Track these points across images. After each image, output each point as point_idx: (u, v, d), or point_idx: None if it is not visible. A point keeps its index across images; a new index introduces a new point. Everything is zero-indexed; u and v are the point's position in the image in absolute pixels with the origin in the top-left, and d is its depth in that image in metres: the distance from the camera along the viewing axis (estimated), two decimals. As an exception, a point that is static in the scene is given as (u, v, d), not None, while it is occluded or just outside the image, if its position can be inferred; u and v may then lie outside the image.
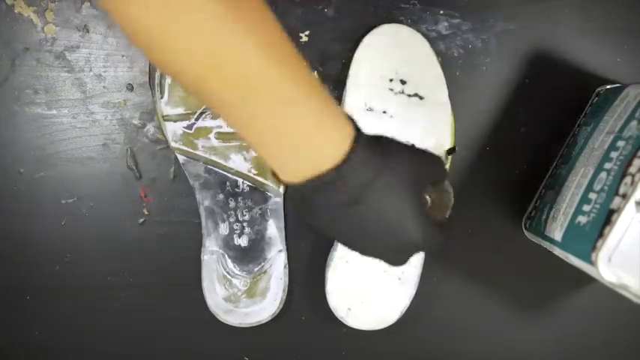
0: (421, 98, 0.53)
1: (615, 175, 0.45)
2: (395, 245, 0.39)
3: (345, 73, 0.54)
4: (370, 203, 0.36)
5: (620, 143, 0.46)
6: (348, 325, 0.55)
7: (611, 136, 0.48)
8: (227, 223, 0.55)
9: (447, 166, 0.54)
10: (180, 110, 0.53)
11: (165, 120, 0.53)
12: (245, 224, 0.55)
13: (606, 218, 0.43)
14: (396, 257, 0.41)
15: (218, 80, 0.32)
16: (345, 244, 0.41)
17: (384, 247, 0.40)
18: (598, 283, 0.44)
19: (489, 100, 0.56)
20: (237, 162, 0.54)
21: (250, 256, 0.56)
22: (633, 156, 0.44)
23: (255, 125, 0.34)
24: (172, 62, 0.32)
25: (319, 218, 0.38)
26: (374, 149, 0.36)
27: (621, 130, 0.47)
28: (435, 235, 0.40)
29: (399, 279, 0.54)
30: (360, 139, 0.36)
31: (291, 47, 0.34)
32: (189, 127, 0.53)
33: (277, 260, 0.56)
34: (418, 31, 0.54)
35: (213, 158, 0.54)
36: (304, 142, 0.34)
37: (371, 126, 0.53)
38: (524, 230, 0.56)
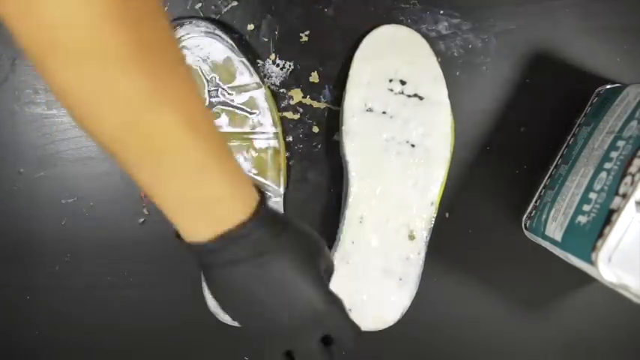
0: (421, 98, 0.53)
1: (615, 174, 0.45)
2: (293, 309, 0.37)
3: (345, 73, 0.54)
4: (272, 261, 0.36)
5: (620, 143, 0.46)
6: (348, 325, 0.55)
7: (611, 136, 0.48)
8: (227, 223, 0.55)
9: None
10: (180, 110, 0.53)
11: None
12: (245, 224, 0.55)
13: (606, 218, 0.43)
14: (297, 331, 0.38)
15: (134, 145, 0.32)
16: (234, 309, 0.39)
17: (280, 311, 0.37)
18: (598, 283, 0.44)
19: (489, 100, 0.56)
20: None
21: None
22: (633, 156, 0.44)
23: (166, 189, 0.34)
24: (87, 119, 0.32)
25: (218, 282, 0.37)
26: (277, 216, 0.38)
27: (621, 130, 0.47)
28: (344, 315, 0.39)
29: (400, 279, 0.54)
30: (265, 204, 0.37)
31: (209, 115, 0.35)
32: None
33: (277, 260, 0.56)
34: (418, 31, 0.54)
35: (213, 158, 0.54)
36: (213, 206, 0.35)
37: (371, 126, 0.53)
38: (524, 230, 0.56)
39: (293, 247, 0.37)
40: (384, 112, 0.53)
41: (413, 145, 0.53)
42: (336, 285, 0.54)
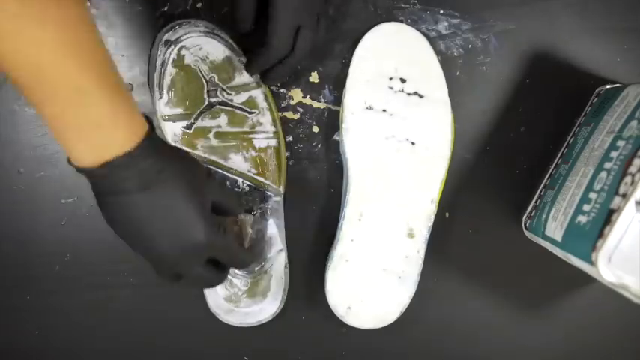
0: (421, 97, 0.53)
1: (615, 174, 0.45)
2: (178, 242, 0.39)
3: (345, 72, 0.54)
4: (156, 192, 0.38)
5: (620, 143, 0.46)
6: (348, 323, 0.55)
7: (611, 136, 0.48)
8: (227, 222, 0.55)
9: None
10: (179, 110, 0.53)
11: (164, 120, 0.53)
12: (245, 224, 0.55)
13: (606, 218, 0.43)
14: (178, 259, 0.41)
15: (10, 65, 0.33)
16: (123, 236, 0.40)
17: (162, 242, 0.39)
18: (598, 283, 0.44)
19: (489, 100, 0.56)
20: (237, 162, 0.54)
21: (250, 255, 0.56)
22: (633, 156, 0.44)
23: (47, 109, 0.35)
24: None
25: (108, 209, 0.39)
26: (164, 149, 0.39)
27: (621, 129, 0.47)
28: (226, 242, 0.42)
29: (399, 278, 0.54)
30: (152, 136, 0.38)
31: (93, 37, 0.36)
32: (189, 127, 0.54)
33: (278, 260, 0.56)
34: (418, 31, 0.54)
35: (213, 158, 0.54)
36: (94, 131, 0.36)
37: (371, 124, 0.53)
38: (524, 230, 0.56)
39: (177, 181, 0.39)
40: (384, 110, 0.53)
41: (413, 143, 0.53)
42: (335, 283, 0.54)
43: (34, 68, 0.33)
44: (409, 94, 0.53)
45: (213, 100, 0.53)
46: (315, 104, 0.56)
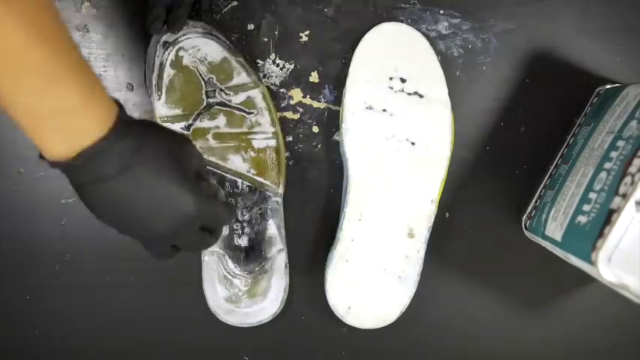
0: (421, 96, 0.53)
1: (615, 174, 0.45)
2: (167, 216, 0.39)
3: (345, 72, 0.54)
4: (137, 172, 0.37)
5: (620, 143, 0.46)
6: (348, 323, 0.55)
7: (611, 136, 0.48)
8: (227, 223, 0.55)
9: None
10: (177, 111, 0.53)
11: (162, 121, 0.53)
12: (245, 224, 0.55)
13: (606, 218, 0.43)
14: (170, 232, 0.39)
15: None
16: (112, 223, 0.39)
17: (154, 220, 0.39)
18: (598, 283, 0.44)
19: (489, 100, 0.56)
20: (236, 162, 0.54)
21: (251, 256, 0.56)
22: (633, 156, 0.44)
23: (18, 102, 0.34)
24: None
25: (89, 197, 0.38)
26: (138, 127, 0.38)
27: (621, 129, 0.47)
28: (214, 208, 0.41)
29: (399, 278, 0.54)
30: (124, 117, 0.37)
31: (58, 25, 0.35)
32: (187, 127, 0.54)
33: (278, 260, 0.56)
34: (418, 30, 0.54)
35: (212, 159, 0.54)
36: (67, 119, 0.35)
37: (371, 124, 0.53)
38: (524, 230, 0.56)
39: (157, 156, 0.38)
40: (384, 110, 0.53)
41: (413, 143, 0.53)
42: (335, 283, 0.54)
43: (2, 62, 0.33)
44: (409, 94, 0.53)
45: (211, 100, 0.53)
46: (315, 104, 0.56)
